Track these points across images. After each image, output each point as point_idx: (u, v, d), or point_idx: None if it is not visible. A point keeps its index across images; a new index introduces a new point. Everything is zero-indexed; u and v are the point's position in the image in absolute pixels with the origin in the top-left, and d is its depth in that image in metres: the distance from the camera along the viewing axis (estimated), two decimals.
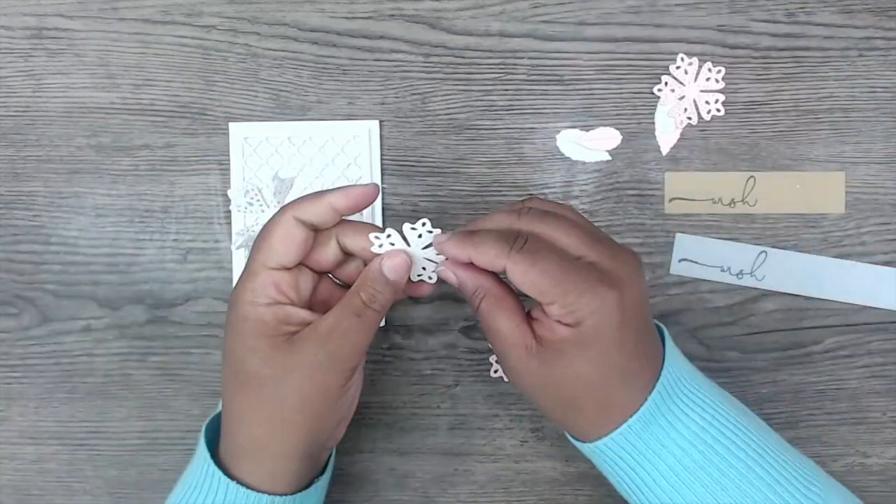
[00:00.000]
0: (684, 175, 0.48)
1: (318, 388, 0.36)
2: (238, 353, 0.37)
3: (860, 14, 0.48)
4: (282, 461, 0.38)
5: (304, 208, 0.37)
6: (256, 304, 0.36)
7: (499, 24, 0.48)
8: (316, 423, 0.37)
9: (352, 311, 0.36)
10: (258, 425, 0.37)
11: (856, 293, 0.48)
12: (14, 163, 0.49)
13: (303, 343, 0.36)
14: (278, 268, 0.37)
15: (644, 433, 0.36)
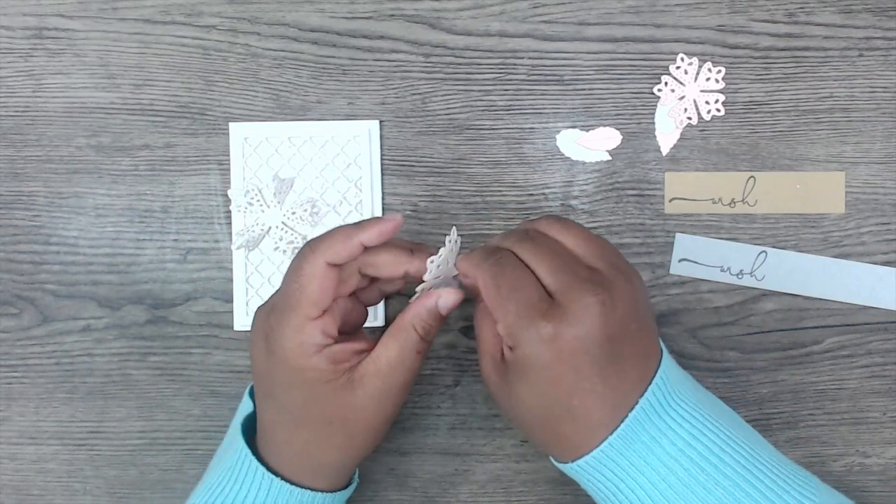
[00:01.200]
0: (684, 175, 0.48)
1: (382, 416, 0.39)
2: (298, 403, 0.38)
3: (860, 14, 0.48)
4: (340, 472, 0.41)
5: (337, 251, 0.37)
6: (310, 356, 0.37)
7: (499, 24, 0.48)
8: (376, 442, 0.40)
9: (412, 347, 0.38)
10: (324, 455, 0.39)
11: (856, 293, 0.48)
12: (14, 163, 0.49)
13: (366, 381, 0.38)
14: (321, 315, 0.37)
15: (626, 450, 0.35)
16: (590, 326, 0.34)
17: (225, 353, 0.49)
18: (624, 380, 0.35)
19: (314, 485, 0.40)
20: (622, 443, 0.35)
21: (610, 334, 0.34)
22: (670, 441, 0.35)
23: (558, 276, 0.35)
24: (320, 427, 0.38)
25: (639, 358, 0.36)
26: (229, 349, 0.48)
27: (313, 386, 0.37)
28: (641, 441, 0.35)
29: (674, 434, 0.35)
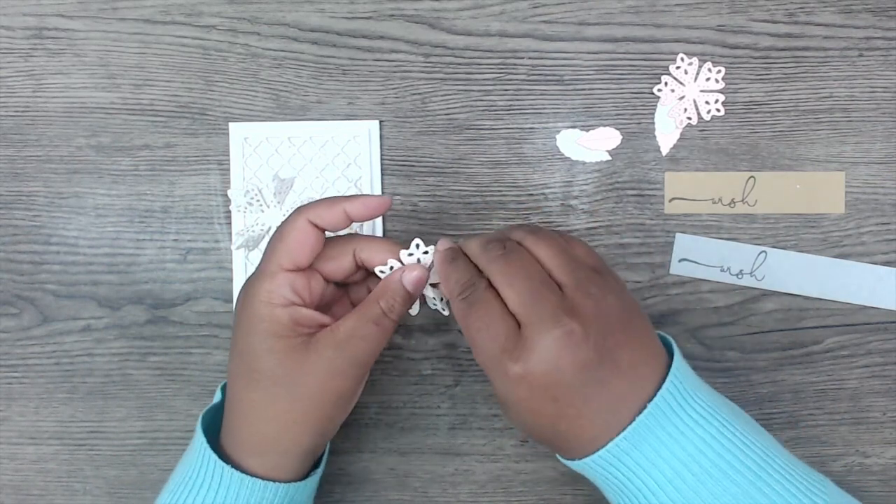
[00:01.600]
0: (684, 175, 0.48)
1: (332, 391, 0.38)
2: (253, 352, 0.38)
3: (860, 14, 0.48)
4: (287, 456, 0.39)
5: (320, 213, 0.38)
6: (273, 305, 0.37)
7: (499, 24, 0.48)
8: (326, 423, 0.39)
9: (371, 318, 0.38)
10: (268, 422, 0.38)
11: (856, 293, 0.48)
12: (14, 163, 0.49)
13: (320, 347, 0.37)
14: (294, 269, 0.38)
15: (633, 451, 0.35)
16: (558, 360, 0.34)
17: (225, 353, 0.49)
18: (609, 397, 0.35)
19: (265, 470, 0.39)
20: (630, 444, 0.35)
21: (584, 361, 0.34)
22: (680, 446, 0.35)
23: (526, 306, 0.35)
24: (267, 387, 0.38)
25: (624, 374, 0.35)
26: (229, 349, 0.48)
27: (269, 337, 0.37)
28: (650, 443, 0.35)
29: (684, 439, 0.35)
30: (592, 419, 0.35)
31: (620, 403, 0.35)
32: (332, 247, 0.39)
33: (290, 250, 0.37)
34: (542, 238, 0.37)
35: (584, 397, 0.35)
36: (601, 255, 0.39)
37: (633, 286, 0.48)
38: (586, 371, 0.34)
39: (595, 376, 0.34)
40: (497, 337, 0.35)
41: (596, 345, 0.34)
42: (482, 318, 0.35)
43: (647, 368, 0.36)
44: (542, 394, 0.34)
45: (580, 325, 0.34)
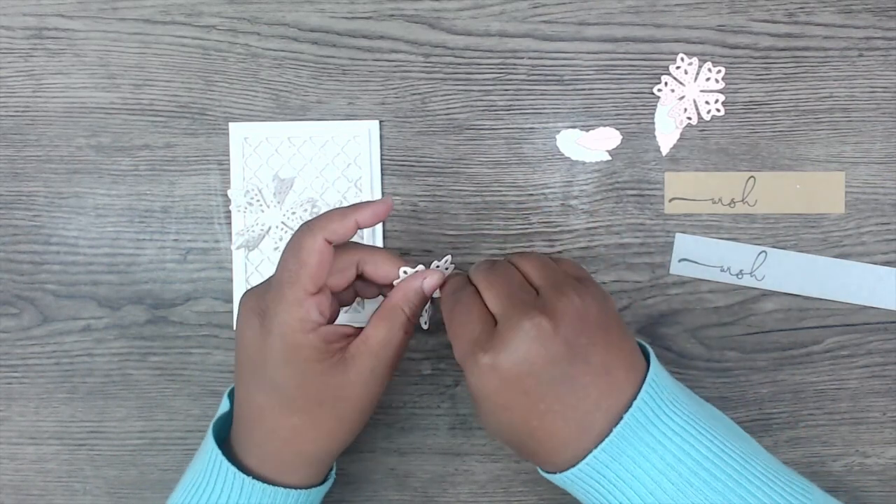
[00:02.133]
0: (684, 175, 0.48)
1: (371, 398, 0.39)
2: (292, 382, 0.38)
3: (860, 14, 0.48)
4: (322, 464, 0.41)
5: (335, 230, 0.38)
6: (307, 332, 0.37)
7: (499, 24, 0.48)
8: (360, 428, 0.41)
9: (400, 326, 0.39)
10: (311, 442, 0.39)
11: (856, 293, 0.48)
12: (14, 163, 0.49)
13: (358, 360, 0.38)
14: (318, 292, 0.38)
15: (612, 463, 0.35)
16: (527, 351, 0.34)
17: (225, 353, 0.49)
18: (583, 397, 0.35)
19: (291, 480, 0.40)
20: (608, 456, 0.35)
21: (552, 355, 0.34)
22: (659, 456, 0.35)
23: (500, 303, 0.36)
24: (311, 409, 0.38)
25: (596, 373, 0.35)
26: (229, 349, 0.48)
27: (308, 364, 0.37)
28: (628, 455, 0.35)
29: (663, 449, 0.35)
30: (564, 419, 0.35)
31: (594, 407, 0.35)
32: (338, 259, 0.39)
33: (314, 275, 0.37)
34: (529, 255, 0.39)
35: (555, 394, 0.35)
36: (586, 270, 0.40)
37: (633, 286, 0.48)
38: (556, 366, 0.35)
39: (565, 372, 0.35)
40: (473, 331, 0.36)
41: (566, 341, 0.35)
42: (462, 313, 0.37)
43: (622, 374, 0.36)
44: (512, 385, 0.35)
45: (549, 321, 0.35)
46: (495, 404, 0.36)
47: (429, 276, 0.40)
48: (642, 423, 0.35)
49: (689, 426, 0.35)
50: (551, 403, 0.35)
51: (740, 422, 0.43)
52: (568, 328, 0.35)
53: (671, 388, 0.37)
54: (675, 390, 0.37)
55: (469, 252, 0.48)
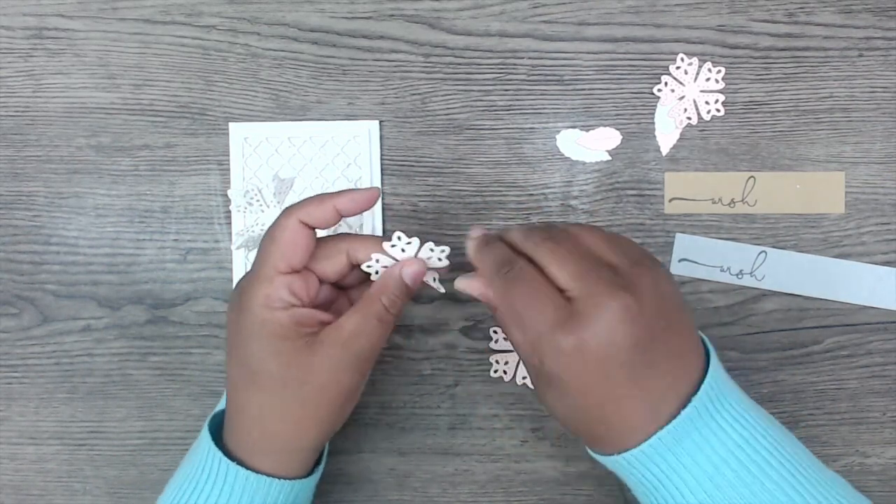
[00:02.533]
0: (684, 175, 0.48)
1: (339, 388, 0.38)
2: (256, 357, 0.37)
3: (860, 14, 0.48)
4: (295, 454, 0.40)
5: (310, 212, 0.38)
6: (273, 309, 0.37)
7: (499, 24, 0.48)
8: (333, 419, 0.39)
9: (374, 315, 0.38)
10: (277, 423, 0.38)
11: (856, 293, 0.48)
12: (14, 163, 0.49)
13: (325, 345, 0.37)
14: (289, 271, 0.38)
15: (675, 447, 0.34)
16: (614, 333, 0.33)
17: (225, 353, 0.49)
18: (658, 382, 0.34)
19: (268, 466, 0.39)
20: (672, 439, 0.34)
21: (637, 338, 0.33)
22: (721, 442, 0.34)
23: (578, 280, 0.34)
24: (275, 389, 0.38)
25: (672, 358, 0.34)
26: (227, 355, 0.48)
27: (273, 341, 0.37)
28: (692, 439, 0.34)
29: (725, 435, 0.34)
30: (639, 404, 0.34)
31: (666, 393, 0.34)
32: (325, 247, 0.39)
33: (284, 252, 0.37)
34: (589, 227, 0.37)
35: (635, 378, 0.34)
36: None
37: None
38: (639, 349, 0.33)
39: (646, 358, 0.34)
40: (546, 310, 0.34)
41: (649, 324, 0.33)
42: (528, 293, 0.35)
43: (690, 361, 0.35)
44: (595, 369, 0.33)
45: (636, 301, 0.33)
46: (572, 388, 0.34)
47: (407, 266, 0.39)
48: (708, 408, 0.34)
49: (747, 415, 0.35)
50: (630, 388, 0.34)
51: None
52: (651, 310, 0.33)
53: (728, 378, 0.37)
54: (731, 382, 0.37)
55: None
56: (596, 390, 0.34)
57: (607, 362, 0.33)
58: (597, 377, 0.34)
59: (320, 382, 0.38)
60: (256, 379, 0.38)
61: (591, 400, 0.34)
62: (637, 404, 0.34)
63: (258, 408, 0.38)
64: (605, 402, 0.34)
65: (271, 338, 0.37)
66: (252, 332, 0.37)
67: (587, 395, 0.34)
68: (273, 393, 0.38)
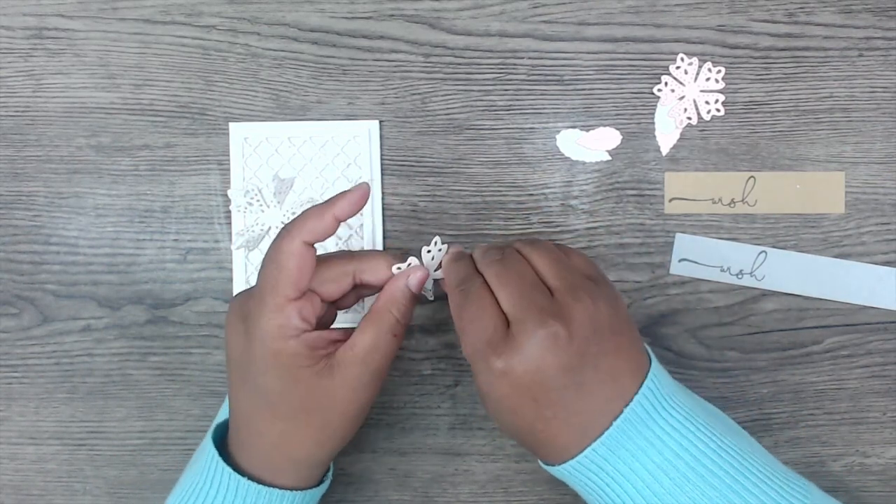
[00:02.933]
0: (684, 175, 0.48)
1: (362, 404, 0.39)
2: (275, 388, 0.37)
3: (860, 14, 0.48)
4: (314, 468, 0.40)
5: (313, 231, 0.37)
6: (287, 338, 0.37)
7: (499, 24, 0.48)
8: (350, 434, 0.40)
9: (387, 329, 0.38)
10: (300, 447, 0.39)
11: (856, 293, 0.48)
12: (14, 163, 0.49)
13: (344, 366, 0.38)
14: (298, 297, 0.37)
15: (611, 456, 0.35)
16: (541, 360, 0.34)
17: (224, 353, 0.49)
18: (588, 404, 0.35)
19: (286, 482, 0.39)
20: (606, 450, 0.35)
21: (565, 364, 0.34)
22: (657, 451, 0.35)
23: (516, 305, 0.35)
24: (297, 416, 0.38)
25: (604, 381, 0.35)
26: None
27: (291, 370, 0.37)
28: (626, 449, 0.35)
29: (661, 444, 0.35)
30: (569, 423, 0.35)
31: (598, 411, 0.35)
32: (330, 269, 0.39)
33: (293, 280, 0.37)
34: (539, 247, 0.38)
35: (563, 401, 0.35)
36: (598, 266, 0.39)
37: (634, 286, 0.48)
38: (567, 374, 0.34)
39: (575, 380, 0.35)
40: (486, 329, 0.35)
41: (579, 350, 0.34)
42: (474, 310, 0.36)
43: (627, 378, 0.36)
44: (522, 392, 0.35)
45: (565, 329, 0.34)
46: (503, 406, 0.36)
47: (412, 274, 0.39)
48: (642, 417, 0.35)
49: (687, 422, 0.36)
50: (557, 410, 0.35)
51: (740, 422, 0.43)
52: (582, 337, 0.35)
53: (670, 386, 0.37)
54: (674, 388, 0.37)
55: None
56: (524, 410, 0.35)
57: (533, 387, 0.35)
58: (524, 399, 0.35)
59: (341, 403, 0.38)
60: (276, 409, 0.38)
61: (520, 419, 0.36)
62: (565, 424, 0.35)
63: (279, 435, 0.38)
64: (534, 421, 0.36)
65: (288, 368, 0.37)
66: (266, 364, 0.37)
67: (516, 414, 0.36)
68: (295, 420, 0.38)
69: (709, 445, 0.35)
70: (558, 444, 0.36)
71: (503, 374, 0.35)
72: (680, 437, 0.35)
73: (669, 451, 0.35)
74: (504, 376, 0.35)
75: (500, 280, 0.36)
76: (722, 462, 0.35)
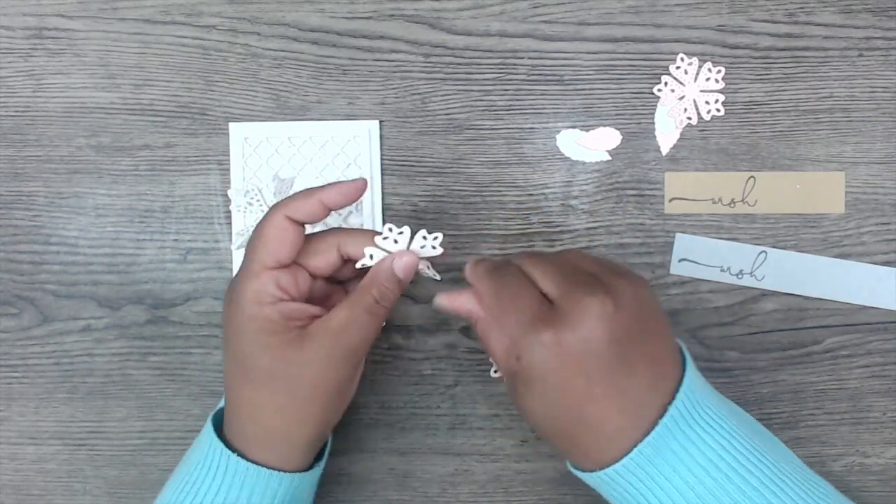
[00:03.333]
0: (684, 175, 0.48)
1: (330, 380, 0.38)
2: (247, 352, 0.38)
3: (860, 14, 0.48)
4: (292, 447, 0.40)
5: (296, 207, 0.38)
6: (262, 304, 0.37)
7: (499, 24, 0.48)
8: (327, 413, 0.39)
9: (364, 307, 0.38)
10: (271, 416, 0.38)
11: (856, 293, 0.48)
12: (14, 163, 0.49)
13: (315, 338, 0.37)
14: (277, 266, 0.38)
15: (655, 458, 0.35)
16: (592, 329, 0.34)
17: None
18: (637, 385, 0.35)
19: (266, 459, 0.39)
20: (652, 450, 0.34)
21: (614, 336, 0.34)
22: (700, 451, 0.34)
23: (558, 284, 0.35)
24: (265, 383, 0.38)
25: (649, 363, 0.35)
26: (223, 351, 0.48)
27: (261, 335, 0.37)
28: (671, 449, 0.34)
29: (703, 444, 0.35)
30: (618, 407, 0.35)
31: (644, 397, 0.35)
32: (315, 242, 0.40)
33: (271, 248, 0.38)
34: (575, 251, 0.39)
35: (612, 378, 0.34)
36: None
37: None
38: (617, 347, 0.34)
39: (625, 356, 0.34)
40: (530, 306, 0.35)
41: (625, 323, 0.34)
42: (515, 291, 0.36)
43: (667, 368, 0.36)
44: (573, 364, 0.34)
45: (613, 302, 0.34)
46: (551, 384, 0.35)
47: (399, 258, 0.39)
48: (685, 416, 0.35)
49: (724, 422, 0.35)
50: (608, 388, 0.34)
51: None
52: (628, 313, 0.34)
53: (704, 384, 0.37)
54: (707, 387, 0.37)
55: (469, 252, 0.48)
56: (574, 387, 0.34)
57: (585, 358, 0.34)
58: (575, 372, 0.34)
59: (310, 375, 0.38)
60: (248, 374, 0.38)
61: (569, 398, 0.35)
62: (616, 406, 0.35)
63: (250, 403, 0.39)
64: (583, 401, 0.35)
65: (260, 333, 0.37)
66: (242, 328, 0.38)
67: (565, 392, 0.35)
68: (263, 387, 0.38)
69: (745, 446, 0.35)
70: (607, 428, 0.35)
71: (555, 345, 0.34)
72: (719, 437, 0.35)
73: (711, 451, 0.35)
74: (556, 347, 0.34)
75: (536, 266, 0.37)
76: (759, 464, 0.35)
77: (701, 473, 0.34)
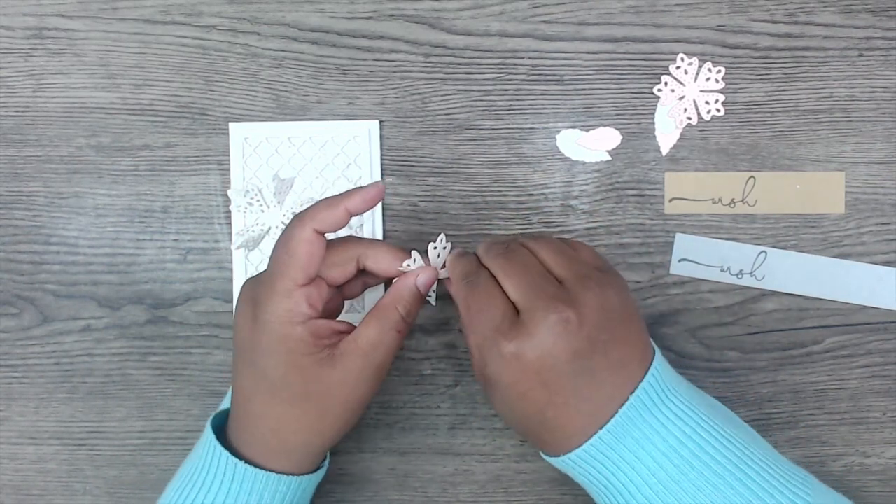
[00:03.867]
0: (684, 175, 0.48)
1: (360, 396, 0.39)
2: (278, 372, 0.38)
3: (860, 14, 0.48)
4: (311, 455, 0.40)
5: (325, 220, 0.37)
6: (294, 324, 0.37)
7: (499, 24, 0.48)
8: (350, 424, 0.40)
9: (392, 325, 0.39)
10: (296, 433, 0.39)
11: (856, 293, 0.48)
12: (14, 163, 0.49)
13: (346, 359, 0.38)
14: (307, 283, 0.38)
15: (617, 445, 0.36)
16: (552, 344, 0.35)
17: (225, 353, 0.49)
18: (598, 391, 0.36)
19: (280, 467, 0.39)
20: (612, 437, 0.35)
21: (575, 350, 0.35)
22: (662, 438, 0.35)
23: (524, 293, 0.36)
24: (296, 402, 0.38)
25: (614, 368, 0.36)
26: (229, 349, 0.48)
27: (294, 356, 0.37)
28: (632, 436, 0.35)
29: (666, 431, 0.36)
30: (579, 410, 0.36)
31: (607, 398, 0.36)
32: (335, 253, 0.39)
33: (303, 266, 0.37)
34: (544, 240, 0.39)
35: (574, 386, 0.35)
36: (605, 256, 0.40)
37: (634, 286, 0.48)
38: (578, 360, 0.35)
39: (586, 366, 0.35)
40: (494, 317, 0.36)
41: (589, 336, 0.35)
42: (481, 299, 0.37)
43: (634, 367, 0.36)
44: (533, 377, 0.35)
45: (576, 315, 0.35)
46: (513, 393, 0.36)
47: (422, 274, 0.40)
48: (646, 405, 0.36)
49: (690, 411, 0.36)
50: (568, 396, 0.35)
51: None
52: (593, 324, 0.35)
53: (673, 376, 0.38)
54: (677, 379, 0.38)
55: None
56: (534, 396, 0.36)
57: (545, 371, 0.35)
58: (535, 384, 0.35)
59: (344, 394, 0.38)
60: (276, 392, 0.38)
61: (530, 405, 0.36)
62: (575, 410, 0.36)
63: (277, 419, 0.39)
64: (544, 407, 0.36)
65: (292, 353, 0.37)
66: (271, 348, 0.37)
67: (526, 400, 0.36)
68: (294, 405, 0.38)
69: (711, 434, 0.36)
70: (568, 430, 0.36)
71: (514, 359, 0.35)
72: (683, 425, 0.36)
73: (674, 438, 0.35)
74: (515, 360, 0.35)
75: (506, 271, 0.37)
76: (725, 451, 0.35)
77: (662, 459, 0.35)
